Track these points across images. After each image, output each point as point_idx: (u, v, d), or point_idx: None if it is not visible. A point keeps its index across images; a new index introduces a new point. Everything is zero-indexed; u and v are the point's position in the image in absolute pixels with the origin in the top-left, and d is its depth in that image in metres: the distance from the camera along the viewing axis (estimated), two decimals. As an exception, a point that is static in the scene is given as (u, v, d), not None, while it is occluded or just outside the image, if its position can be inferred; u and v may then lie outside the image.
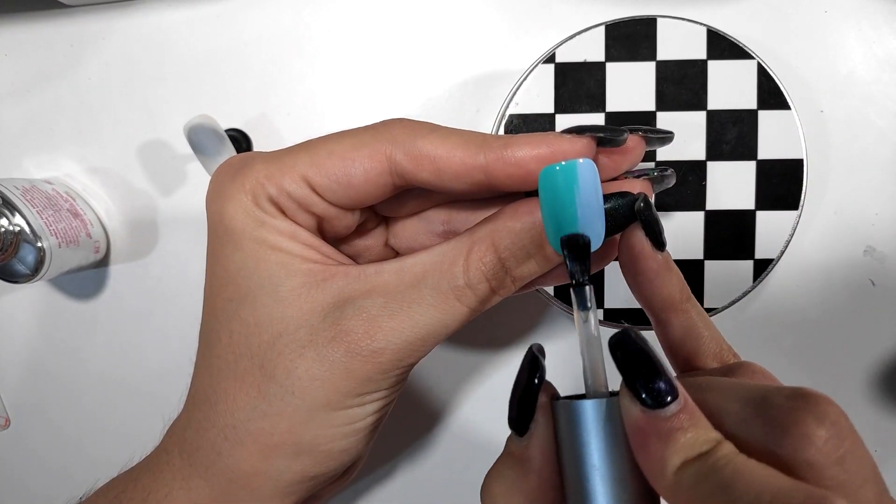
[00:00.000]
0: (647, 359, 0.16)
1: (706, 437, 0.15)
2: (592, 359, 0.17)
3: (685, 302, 0.20)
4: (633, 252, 0.20)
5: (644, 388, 0.16)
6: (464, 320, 0.21)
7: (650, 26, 0.29)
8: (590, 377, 0.17)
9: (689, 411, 0.16)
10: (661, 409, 0.15)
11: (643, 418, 0.16)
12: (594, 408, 0.17)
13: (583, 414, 0.17)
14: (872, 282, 0.34)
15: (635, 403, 0.16)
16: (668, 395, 0.15)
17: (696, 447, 0.15)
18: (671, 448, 0.15)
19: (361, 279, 0.21)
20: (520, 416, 0.18)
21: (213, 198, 0.21)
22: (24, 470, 0.39)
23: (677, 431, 0.15)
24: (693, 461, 0.15)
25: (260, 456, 0.21)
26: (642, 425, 0.16)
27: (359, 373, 0.20)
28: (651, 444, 0.15)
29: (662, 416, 0.15)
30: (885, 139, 0.33)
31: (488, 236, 0.20)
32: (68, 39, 0.35)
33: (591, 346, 0.17)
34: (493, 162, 0.20)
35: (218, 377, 0.21)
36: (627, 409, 0.16)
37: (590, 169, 0.18)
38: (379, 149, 0.20)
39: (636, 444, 0.16)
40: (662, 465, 0.15)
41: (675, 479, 0.15)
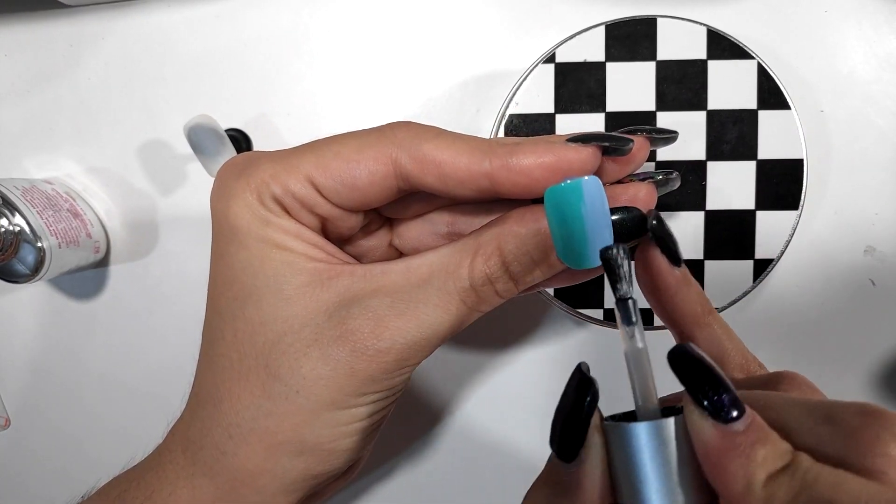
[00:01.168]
0: (713, 371, 0.16)
1: (782, 449, 0.15)
2: (642, 377, 0.17)
3: (707, 315, 0.20)
4: (651, 270, 0.20)
5: (716, 402, 0.15)
6: (468, 321, 0.21)
7: (650, 26, 0.29)
8: (640, 397, 0.17)
9: (759, 424, 0.15)
10: (734, 423, 0.15)
11: (717, 435, 0.15)
12: (651, 430, 0.16)
13: (639, 437, 0.16)
14: (872, 282, 0.34)
15: (706, 420, 0.15)
16: (736, 409, 0.15)
17: (777, 460, 0.15)
18: (754, 463, 0.15)
19: (367, 278, 0.21)
20: (567, 442, 0.17)
21: (218, 196, 0.21)
22: (24, 470, 0.39)
23: (755, 444, 0.15)
24: (778, 474, 0.15)
25: (264, 454, 0.21)
26: (717, 442, 0.15)
27: (364, 372, 0.20)
28: (729, 461, 0.15)
29: (736, 431, 0.15)
30: (885, 139, 0.33)
31: (494, 240, 0.20)
32: (68, 39, 0.35)
33: (640, 363, 0.17)
34: (498, 169, 0.20)
35: (222, 376, 0.21)
36: (698, 426, 0.15)
37: (595, 186, 0.18)
38: (384, 152, 0.20)
39: (711, 462, 0.15)
40: (748, 481, 0.15)
41: (766, 495, 0.14)
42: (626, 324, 0.17)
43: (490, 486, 0.37)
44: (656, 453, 0.16)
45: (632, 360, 0.17)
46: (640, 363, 0.17)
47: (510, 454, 0.36)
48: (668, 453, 0.16)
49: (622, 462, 0.16)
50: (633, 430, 0.16)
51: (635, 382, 0.17)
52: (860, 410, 0.15)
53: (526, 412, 0.36)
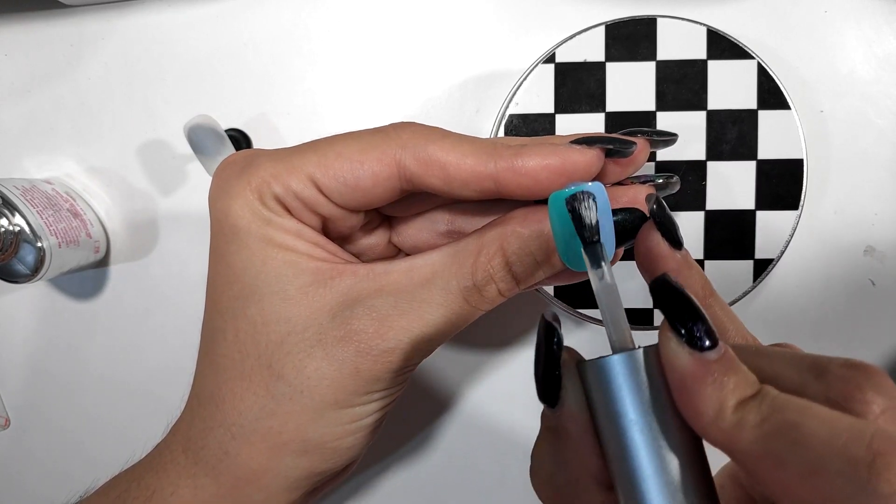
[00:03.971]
0: (691, 302, 0.16)
1: (751, 379, 0.15)
2: (613, 313, 0.17)
3: (709, 297, 0.20)
4: (652, 253, 0.20)
5: (693, 329, 0.15)
6: (471, 320, 0.21)
7: (650, 26, 0.29)
8: (613, 331, 0.17)
9: (730, 356, 0.16)
10: (707, 351, 0.15)
11: (691, 362, 0.15)
12: (624, 361, 0.16)
13: (612, 370, 0.16)
14: (872, 282, 0.34)
15: (682, 347, 0.15)
16: (710, 338, 0.15)
17: (747, 388, 0.15)
18: (725, 389, 0.15)
19: (370, 278, 0.21)
20: (546, 386, 0.18)
21: (218, 195, 0.21)
22: (24, 470, 0.39)
23: (727, 373, 0.15)
24: (748, 401, 0.15)
25: (268, 454, 0.21)
26: (692, 368, 0.15)
27: (368, 372, 0.20)
28: (702, 387, 0.15)
29: (710, 359, 0.15)
30: (885, 139, 0.33)
31: (497, 240, 0.20)
32: (68, 39, 0.35)
33: (611, 297, 0.17)
34: (503, 171, 0.20)
35: (224, 376, 0.21)
36: (674, 352, 0.16)
37: (599, 193, 0.18)
38: (388, 153, 0.20)
39: (683, 388, 0.16)
40: (719, 405, 0.15)
41: (736, 419, 0.15)
42: (595, 266, 0.17)
43: (488, 484, 0.37)
44: (632, 384, 0.16)
45: (603, 296, 0.17)
46: (610, 298, 0.17)
47: (509, 453, 0.36)
48: (640, 384, 0.16)
49: (598, 398, 0.17)
50: (607, 363, 0.16)
51: (607, 318, 0.17)
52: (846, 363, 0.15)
53: (525, 411, 0.36)
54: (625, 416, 0.16)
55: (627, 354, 0.16)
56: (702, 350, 0.15)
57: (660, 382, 0.16)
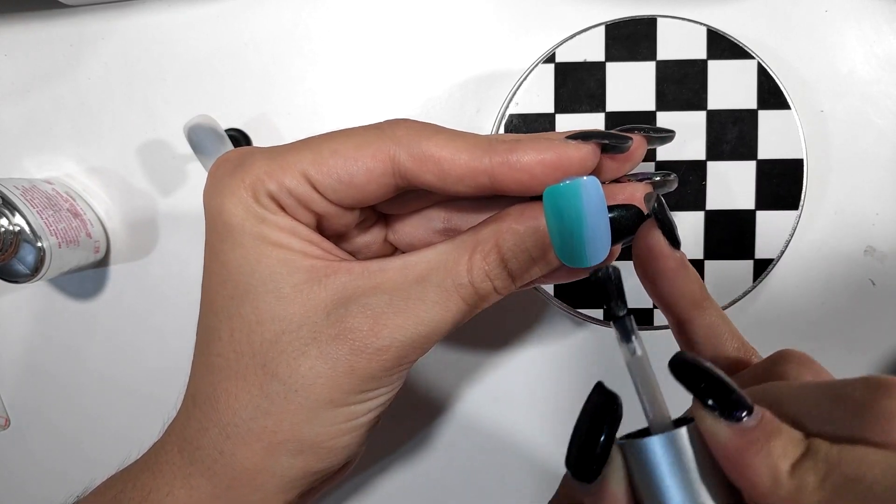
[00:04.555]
0: (715, 374, 0.16)
1: (797, 437, 0.15)
2: (649, 389, 0.17)
3: (705, 300, 0.20)
4: (652, 252, 0.20)
5: (724, 403, 0.15)
6: (466, 318, 0.21)
7: (650, 26, 0.29)
8: (650, 409, 0.17)
9: (769, 417, 0.15)
10: (746, 420, 0.15)
11: (733, 434, 0.15)
12: (666, 441, 0.16)
13: (655, 450, 0.16)
14: (872, 282, 0.33)
15: (719, 422, 0.15)
16: (745, 406, 0.15)
17: (795, 449, 0.15)
18: (774, 455, 0.15)
19: (365, 276, 0.21)
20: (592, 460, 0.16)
21: (212, 193, 0.21)
22: (24, 470, 0.39)
23: (771, 437, 0.15)
24: (801, 462, 0.15)
25: (263, 454, 0.21)
26: (734, 441, 0.15)
27: (363, 371, 0.20)
28: (750, 457, 0.15)
29: (750, 427, 0.15)
30: (885, 139, 0.33)
31: (492, 237, 0.20)
32: (68, 39, 0.36)
33: (645, 375, 0.17)
34: (498, 166, 0.20)
35: (219, 376, 0.21)
36: (712, 429, 0.15)
37: (594, 187, 0.18)
38: (383, 149, 0.20)
39: (733, 463, 0.15)
40: (774, 473, 0.15)
41: (795, 484, 0.14)
42: (625, 341, 0.17)
43: (487, 484, 0.37)
44: (675, 464, 0.16)
45: (637, 374, 0.17)
46: (645, 376, 0.17)
47: (508, 453, 0.36)
48: (686, 463, 0.16)
49: (642, 478, 0.16)
50: (649, 444, 0.16)
51: (643, 396, 0.17)
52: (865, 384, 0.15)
53: (524, 412, 0.36)
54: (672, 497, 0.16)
55: (670, 434, 0.16)
56: (738, 420, 0.15)
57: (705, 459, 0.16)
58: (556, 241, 0.18)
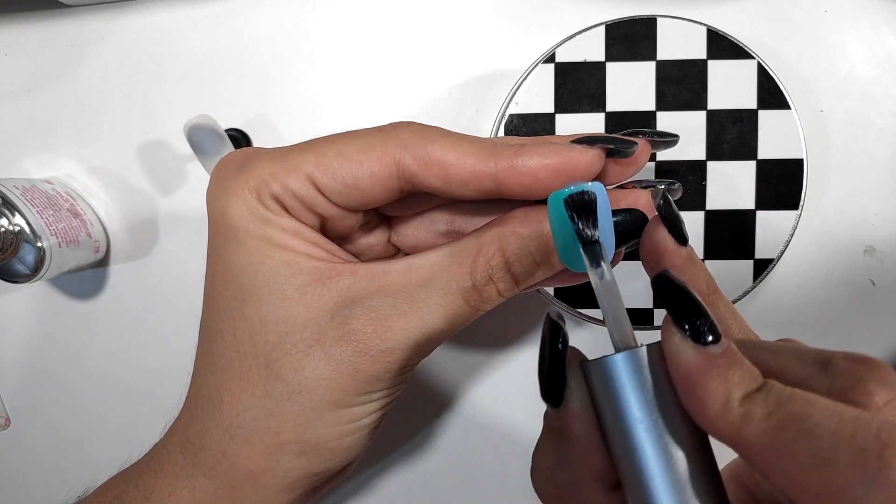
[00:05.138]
0: (694, 298, 0.16)
1: (755, 373, 0.15)
2: (615, 311, 0.17)
3: (712, 294, 0.20)
4: (658, 249, 0.20)
5: (697, 324, 0.16)
6: (469, 320, 0.21)
7: (650, 26, 0.29)
8: (615, 330, 0.17)
9: (734, 350, 0.16)
10: (712, 346, 0.15)
11: (696, 355, 0.15)
12: (628, 359, 0.16)
13: (616, 368, 0.16)
14: (872, 282, 0.34)
15: (686, 342, 0.16)
16: (714, 333, 0.16)
17: (752, 382, 0.15)
18: (730, 382, 0.15)
19: (369, 278, 0.21)
20: (551, 386, 0.17)
21: (216, 194, 0.21)
22: (24, 470, 0.39)
23: (732, 366, 0.15)
24: (754, 394, 0.15)
25: (266, 455, 0.21)
26: (696, 362, 0.15)
27: (366, 373, 0.20)
28: (707, 381, 0.15)
29: (714, 353, 0.15)
30: (885, 139, 0.33)
31: (496, 240, 0.20)
32: (68, 39, 0.35)
33: (611, 295, 0.17)
34: (503, 170, 0.20)
35: (222, 376, 0.21)
36: (678, 348, 0.16)
37: (599, 192, 0.18)
38: (388, 152, 0.20)
39: (688, 383, 0.16)
40: (726, 398, 0.15)
41: (743, 412, 0.15)
42: (595, 266, 0.17)
43: (488, 484, 0.37)
44: (637, 382, 0.16)
45: (603, 295, 0.17)
46: (611, 297, 0.17)
47: (509, 453, 0.36)
48: (647, 382, 0.16)
49: (603, 397, 0.17)
50: (610, 361, 0.16)
51: (609, 317, 0.17)
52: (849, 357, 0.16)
53: (525, 411, 0.36)
54: (630, 415, 0.16)
55: (631, 352, 0.16)
56: (705, 344, 0.15)
57: (664, 380, 0.16)
58: (560, 245, 0.18)
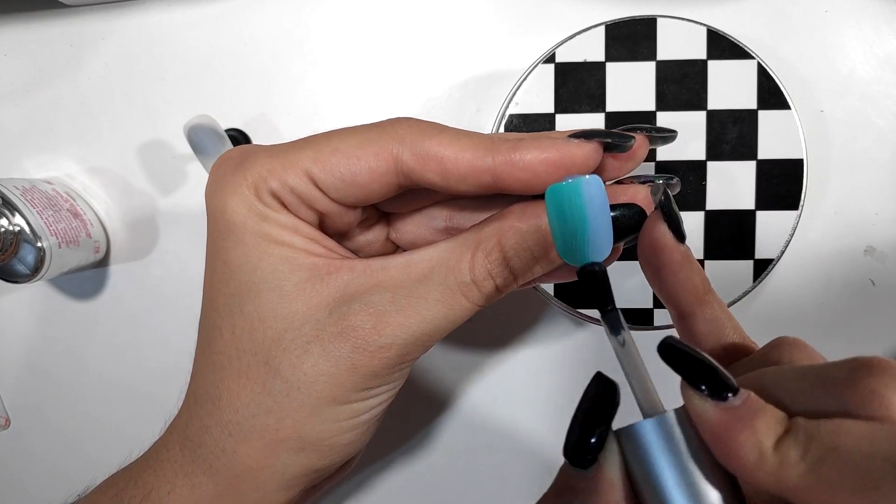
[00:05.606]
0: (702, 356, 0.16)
1: (779, 415, 0.16)
2: (638, 377, 0.17)
3: (708, 293, 0.20)
4: (658, 245, 0.20)
5: (711, 383, 0.16)
6: (468, 316, 0.21)
7: (650, 26, 0.29)
8: (643, 399, 0.17)
9: (754, 398, 0.16)
10: (731, 399, 0.16)
11: (719, 412, 0.16)
12: (658, 425, 0.16)
13: (648, 434, 0.16)
14: (872, 282, 0.34)
15: (707, 401, 0.16)
16: (730, 387, 0.16)
17: (778, 426, 0.15)
18: (759, 432, 0.15)
19: (367, 274, 0.21)
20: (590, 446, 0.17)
21: (214, 191, 0.21)
22: (24, 470, 0.39)
23: (756, 415, 0.15)
24: (784, 438, 0.15)
25: (265, 451, 0.21)
26: (721, 419, 0.16)
27: (365, 368, 0.20)
28: (736, 434, 0.15)
29: (737, 405, 0.16)
30: (885, 139, 0.33)
31: (495, 235, 0.20)
32: (68, 39, 0.36)
33: (636, 367, 0.17)
34: (501, 165, 0.20)
35: (220, 373, 0.21)
36: (701, 409, 0.16)
37: (596, 185, 0.18)
38: (385, 147, 0.20)
39: (720, 440, 0.16)
40: (759, 449, 0.15)
41: (779, 459, 0.15)
42: (615, 334, 0.17)
43: (488, 483, 0.37)
44: (667, 447, 0.16)
45: (626, 363, 0.17)
46: (633, 364, 0.17)
47: (508, 452, 0.36)
48: (677, 444, 0.16)
49: (637, 462, 0.17)
50: (641, 427, 0.16)
51: (633, 384, 0.17)
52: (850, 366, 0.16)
53: (524, 411, 0.36)
54: (667, 480, 0.16)
55: (660, 418, 0.16)
56: (725, 399, 0.16)
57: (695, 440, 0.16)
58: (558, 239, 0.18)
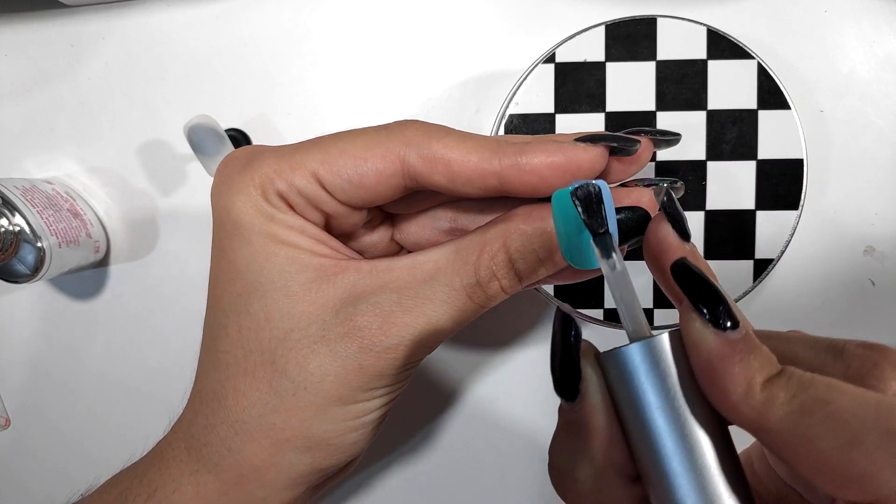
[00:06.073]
0: (713, 284, 0.16)
1: (773, 359, 0.16)
2: (628, 301, 0.17)
3: None
4: (662, 245, 0.20)
5: (716, 311, 0.16)
6: (473, 317, 0.21)
7: (650, 26, 0.29)
8: (629, 320, 0.17)
9: (752, 336, 0.16)
10: (731, 331, 0.15)
11: (717, 340, 0.15)
12: (644, 349, 0.16)
13: (633, 359, 0.16)
14: (872, 282, 0.34)
15: (707, 327, 0.16)
16: (734, 318, 0.16)
17: (772, 367, 0.15)
18: (753, 367, 0.15)
19: (373, 274, 0.21)
20: (565, 379, 0.17)
21: (221, 191, 0.21)
22: (24, 470, 0.39)
23: (752, 351, 0.15)
24: (774, 378, 0.15)
25: (271, 450, 0.21)
26: (717, 348, 0.15)
27: (371, 369, 0.20)
28: (729, 366, 0.15)
29: (735, 338, 0.15)
30: (885, 139, 0.33)
31: (500, 237, 0.21)
32: (68, 39, 0.35)
33: (624, 286, 0.17)
34: (507, 168, 0.20)
35: (226, 373, 0.21)
36: (699, 333, 0.16)
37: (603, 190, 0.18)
38: (392, 150, 0.20)
39: (709, 369, 0.16)
40: (748, 383, 0.15)
41: (765, 397, 0.15)
42: (606, 256, 0.17)
43: (490, 482, 0.37)
44: (652, 372, 0.16)
45: (615, 285, 0.17)
46: (624, 288, 0.17)
47: (511, 451, 0.36)
48: (663, 370, 0.16)
49: (620, 388, 0.17)
50: (627, 352, 0.16)
51: (622, 307, 0.17)
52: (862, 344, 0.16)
53: (525, 411, 0.36)
54: (649, 405, 0.16)
55: (647, 342, 0.16)
56: (725, 329, 0.15)
57: (682, 368, 0.16)
58: (564, 242, 0.18)
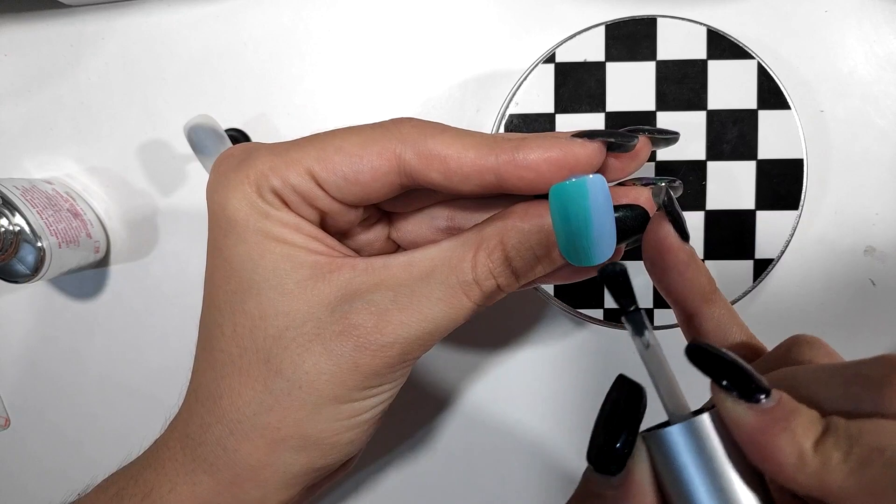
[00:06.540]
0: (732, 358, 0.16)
1: (814, 416, 0.15)
2: (665, 380, 0.17)
3: (714, 293, 0.20)
4: (662, 245, 0.20)
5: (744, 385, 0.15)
6: (470, 315, 0.21)
7: (650, 26, 0.29)
8: (668, 400, 0.17)
9: (787, 398, 0.15)
10: (765, 401, 0.15)
11: (754, 415, 0.15)
12: (688, 430, 0.16)
13: (677, 440, 0.16)
14: (872, 282, 0.34)
15: (739, 404, 0.15)
16: (763, 387, 0.15)
17: (816, 426, 0.15)
18: (797, 434, 0.15)
19: (369, 272, 0.21)
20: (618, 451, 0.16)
21: (216, 188, 0.21)
22: (24, 470, 0.39)
23: (792, 416, 0.15)
24: (823, 439, 0.15)
25: (267, 450, 0.21)
26: (756, 422, 0.15)
27: (366, 367, 0.20)
28: (773, 437, 0.15)
29: (771, 407, 0.15)
30: (885, 139, 0.33)
31: (497, 234, 0.20)
32: (68, 39, 0.36)
33: (662, 369, 0.17)
34: (504, 164, 0.20)
35: (222, 372, 0.21)
36: (733, 412, 0.15)
37: (600, 185, 0.18)
38: (388, 147, 0.20)
39: (756, 444, 0.15)
40: (798, 451, 0.15)
41: (820, 460, 0.14)
42: (639, 335, 0.17)
43: (488, 482, 0.37)
44: (697, 452, 0.16)
45: (652, 365, 0.17)
46: (660, 366, 0.17)
47: (508, 453, 0.36)
48: (708, 450, 0.16)
49: (666, 468, 0.16)
50: (670, 433, 0.16)
51: (660, 387, 0.17)
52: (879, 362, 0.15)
53: (524, 411, 0.36)
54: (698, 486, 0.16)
55: (690, 423, 0.16)
56: (758, 401, 0.15)
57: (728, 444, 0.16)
58: (561, 239, 0.18)
